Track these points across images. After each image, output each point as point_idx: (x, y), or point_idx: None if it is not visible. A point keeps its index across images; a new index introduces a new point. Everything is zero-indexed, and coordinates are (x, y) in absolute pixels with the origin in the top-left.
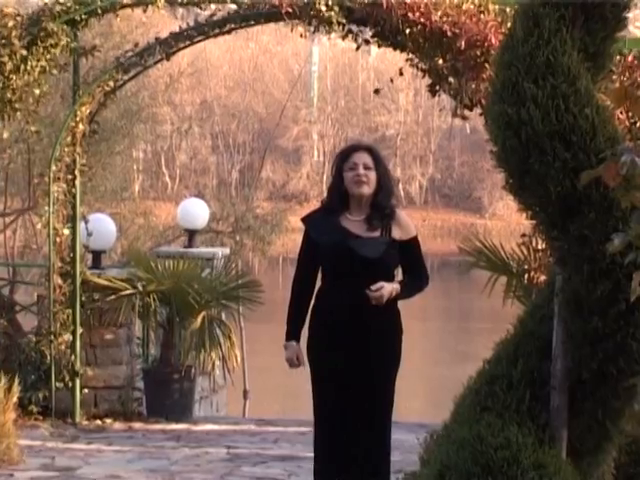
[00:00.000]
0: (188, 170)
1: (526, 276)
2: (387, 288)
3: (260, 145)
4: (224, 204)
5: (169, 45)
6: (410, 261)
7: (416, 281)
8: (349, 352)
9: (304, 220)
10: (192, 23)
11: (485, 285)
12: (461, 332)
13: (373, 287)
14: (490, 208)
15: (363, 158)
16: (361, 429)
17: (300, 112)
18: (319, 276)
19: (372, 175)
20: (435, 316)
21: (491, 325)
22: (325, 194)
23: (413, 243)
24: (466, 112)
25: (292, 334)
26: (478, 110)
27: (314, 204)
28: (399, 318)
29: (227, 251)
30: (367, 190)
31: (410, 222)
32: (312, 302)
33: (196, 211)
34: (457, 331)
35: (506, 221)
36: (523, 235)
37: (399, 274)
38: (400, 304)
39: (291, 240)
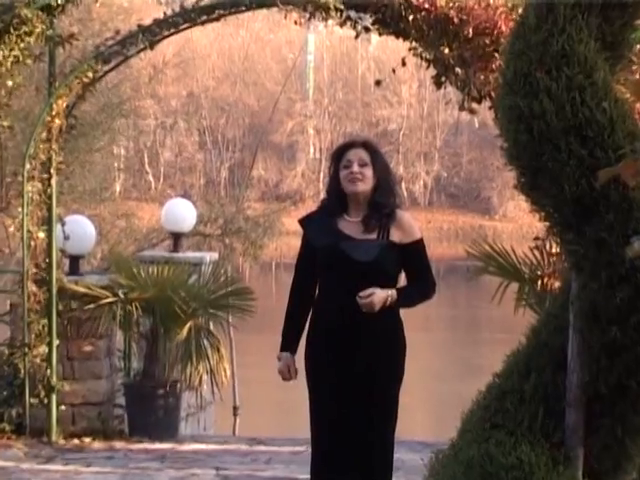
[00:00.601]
0: (173, 168)
1: (539, 282)
2: (379, 295)
3: (251, 141)
4: (212, 205)
5: (153, 33)
6: (413, 266)
7: (419, 288)
8: (346, 365)
9: (302, 222)
10: (178, 9)
11: (495, 292)
12: (469, 343)
13: (362, 293)
14: (500, 209)
15: (358, 154)
16: (361, 448)
17: (295, 105)
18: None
19: (368, 172)
20: (441, 326)
21: (501, 336)
22: (322, 194)
23: (416, 247)
24: (474, 105)
25: (287, 345)
26: (487, 103)
27: (310, 205)
28: (401, 329)
29: (215, 256)
30: (362, 187)
31: (414, 224)
32: (311, 312)
33: (182, 213)
34: (464, 342)
35: (517, 223)
36: (536, 238)
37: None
38: (402, 313)
39: (285, 244)
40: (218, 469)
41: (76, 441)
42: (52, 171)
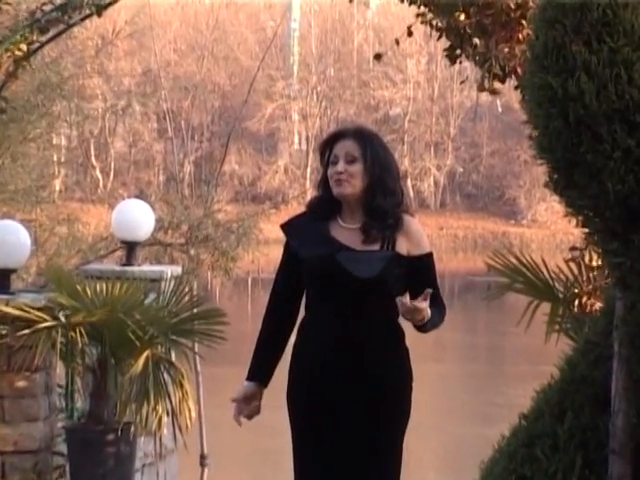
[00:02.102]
0: (126, 162)
1: (576, 303)
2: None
3: (222, 129)
4: (174, 207)
5: None
6: (421, 285)
7: (438, 310)
8: (340, 406)
9: (284, 227)
10: None
11: (522, 315)
12: (490, 377)
13: (421, 298)
14: (528, 212)
15: (346, 148)
16: None
17: (276, 85)
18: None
19: (356, 169)
20: (455, 356)
21: (529, 368)
22: (310, 193)
23: (426, 261)
24: (496, 85)
25: (253, 372)
26: (512, 82)
27: (295, 208)
28: (408, 359)
29: (178, 270)
30: (349, 190)
31: (423, 232)
32: (294, 341)
33: (137, 217)
34: (484, 376)
35: (550, 230)
36: (572, 248)
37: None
38: (408, 340)
39: (263, 255)
40: None
41: None
42: None
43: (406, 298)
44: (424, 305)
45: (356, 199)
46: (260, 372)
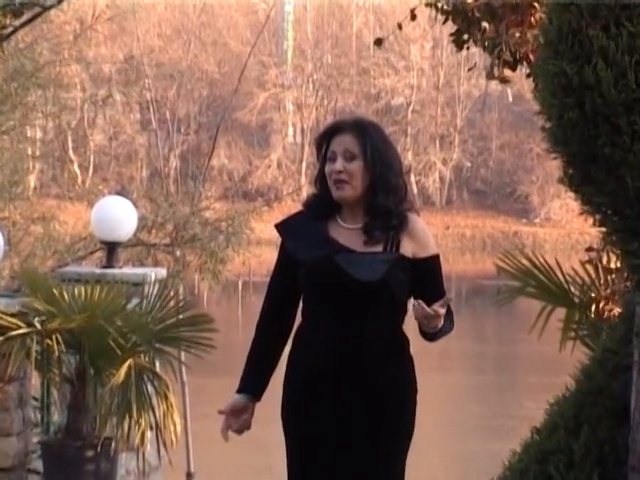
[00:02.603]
0: (106, 156)
1: (593, 308)
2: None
3: (210, 120)
4: (158, 205)
5: None
6: (428, 290)
7: (450, 318)
8: (339, 420)
9: (279, 227)
10: None
11: (534, 321)
12: (500, 389)
13: (439, 304)
14: (542, 210)
15: (344, 143)
16: None
17: (268, 72)
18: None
19: (356, 167)
20: (463, 366)
21: (542, 378)
22: (306, 190)
23: (433, 264)
24: (506, 72)
25: (244, 384)
26: (524, 69)
27: (289, 205)
28: (412, 369)
29: (163, 273)
30: (349, 192)
31: (429, 232)
32: (290, 349)
33: (118, 215)
34: (494, 387)
35: (564, 229)
36: (589, 249)
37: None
38: (413, 349)
39: (255, 257)
40: None
41: None
42: None
43: (436, 307)
44: (442, 312)
45: (357, 199)
46: (252, 384)
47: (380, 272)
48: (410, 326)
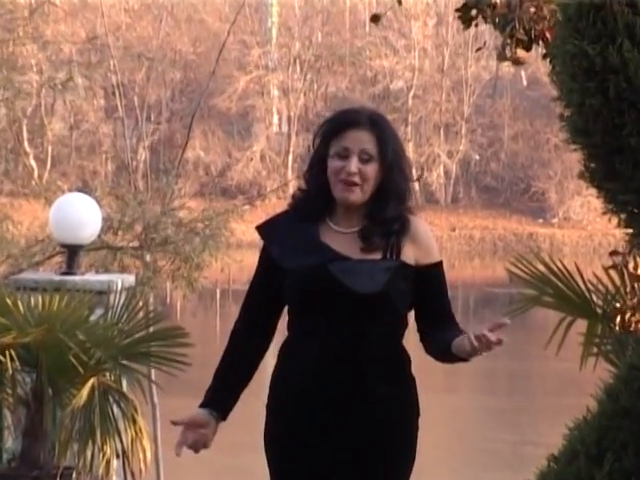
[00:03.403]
0: (66, 147)
1: (618, 319)
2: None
3: (185, 107)
4: (126, 203)
5: None
6: (433, 300)
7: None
8: (331, 449)
9: (261, 229)
10: None
11: (552, 334)
12: (513, 411)
13: (494, 326)
14: (560, 209)
15: (361, 141)
16: None
17: (250, 53)
18: (281, 324)
19: (372, 170)
20: (471, 385)
21: (560, 399)
22: (293, 185)
23: (437, 272)
24: (520, 53)
25: (209, 399)
26: (540, 49)
27: (274, 204)
28: (414, 390)
29: (131, 280)
30: (359, 196)
31: (433, 237)
32: (274, 367)
33: (80, 215)
34: (506, 409)
35: (586, 230)
36: (613, 253)
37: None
38: (415, 368)
39: (235, 262)
40: None
41: None
42: None
43: (491, 335)
44: (494, 339)
45: (361, 205)
46: (218, 399)
47: (381, 282)
48: (410, 341)
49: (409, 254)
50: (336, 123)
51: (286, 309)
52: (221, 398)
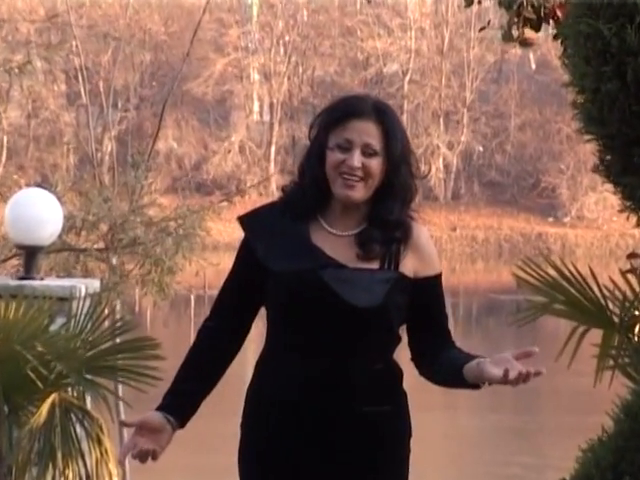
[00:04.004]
0: (24, 138)
1: (637, 329)
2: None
3: (155, 92)
4: (90, 200)
5: None
6: (429, 315)
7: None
8: (315, 473)
9: (244, 220)
10: None
11: (563, 345)
12: (519, 431)
13: (518, 354)
14: (572, 206)
15: (366, 133)
16: None
17: (228, 33)
18: (260, 331)
19: (376, 165)
20: (472, 402)
21: (573, 418)
22: (290, 180)
23: (435, 284)
24: (528, 33)
25: (166, 402)
26: (550, 29)
27: (255, 200)
28: (406, 407)
29: (96, 285)
30: (361, 193)
31: (434, 247)
32: (250, 381)
33: (39, 213)
34: (511, 429)
35: (601, 230)
36: (632, 255)
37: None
38: (406, 384)
39: (212, 266)
40: None
41: None
42: None
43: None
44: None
45: (362, 203)
46: (177, 404)
47: (379, 296)
48: (402, 354)
49: (408, 265)
50: (337, 111)
51: (265, 316)
52: (181, 403)
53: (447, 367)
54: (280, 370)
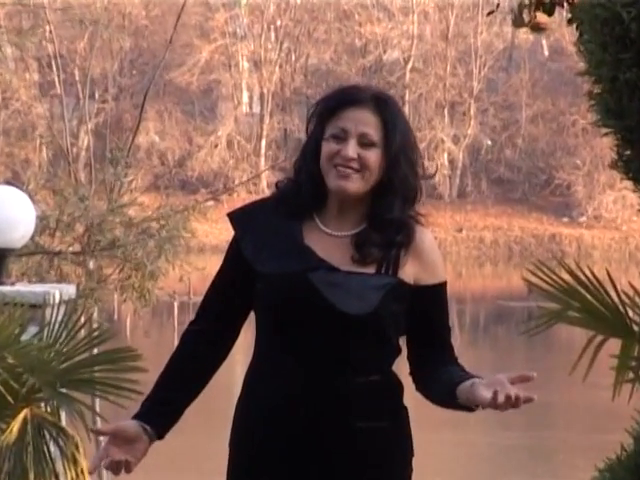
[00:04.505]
0: None
1: None
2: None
3: (136, 82)
4: (65, 199)
5: None
6: (430, 325)
7: (461, 368)
8: None
9: (234, 217)
10: None
11: (579, 356)
12: (531, 450)
13: (515, 378)
14: (589, 205)
15: (363, 123)
16: None
17: (215, 17)
18: (249, 338)
19: (374, 157)
20: (480, 419)
21: (589, 435)
22: (270, 178)
23: (439, 292)
24: (541, 17)
25: (144, 410)
26: (564, 13)
27: (245, 199)
28: (407, 425)
29: (72, 291)
30: (357, 185)
31: (439, 252)
32: (240, 393)
33: (9, 213)
34: (522, 448)
35: (620, 231)
36: None
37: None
38: (407, 399)
39: (197, 270)
40: None
41: None
42: None
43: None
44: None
45: (359, 199)
46: (156, 412)
47: (372, 303)
48: (403, 366)
49: (409, 271)
50: (333, 100)
51: (254, 322)
52: (160, 412)
53: (443, 386)
54: (268, 381)
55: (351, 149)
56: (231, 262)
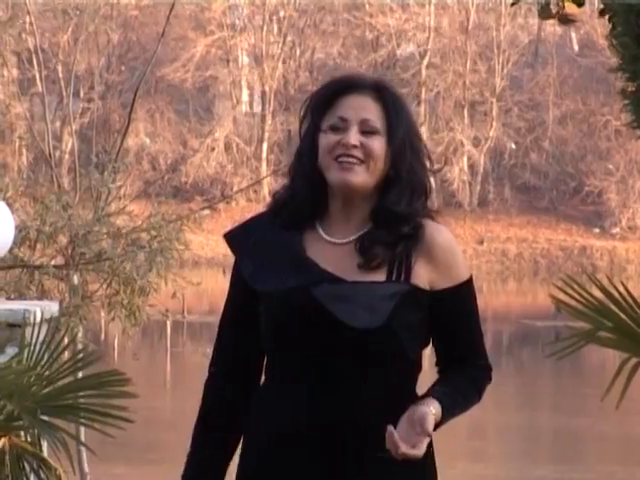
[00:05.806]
0: None
1: None
2: (428, 424)
3: (124, 79)
4: (46, 207)
5: None
6: (453, 335)
7: (467, 384)
8: None
9: (231, 238)
10: None
11: (612, 381)
12: None
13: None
14: (623, 215)
15: (363, 109)
16: None
17: (211, 7)
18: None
19: (378, 145)
20: (504, 448)
21: (625, 468)
22: (272, 185)
23: (461, 296)
24: (570, 8)
25: (191, 475)
26: (596, 4)
27: (244, 208)
28: (429, 455)
29: (54, 308)
30: (361, 178)
31: (457, 249)
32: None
33: None
34: None
35: None
36: None
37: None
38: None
39: (192, 286)
40: None
41: None
42: None
43: (403, 449)
44: (402, 450)
45: (365, 194)
46: (200, 474)
47: (383, 314)
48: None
49: (422, 275)
50: (328, 89)
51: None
52: (204, 472)
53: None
54: (277, 410)
55: (353, 137)
56: (236, 289)
